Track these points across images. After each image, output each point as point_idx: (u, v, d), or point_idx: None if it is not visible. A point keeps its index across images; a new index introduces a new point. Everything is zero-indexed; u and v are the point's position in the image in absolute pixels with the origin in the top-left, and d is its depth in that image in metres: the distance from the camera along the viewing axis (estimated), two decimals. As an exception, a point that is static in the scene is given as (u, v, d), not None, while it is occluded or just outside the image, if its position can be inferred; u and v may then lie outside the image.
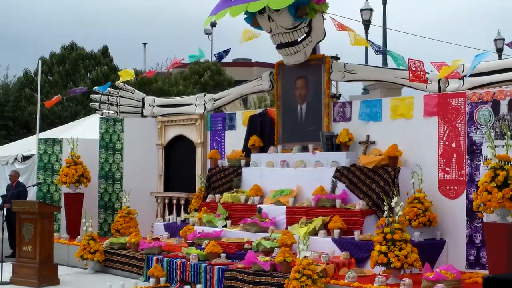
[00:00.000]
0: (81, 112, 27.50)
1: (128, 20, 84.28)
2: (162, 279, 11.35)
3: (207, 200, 13.60)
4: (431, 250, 10.25)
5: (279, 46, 12.80)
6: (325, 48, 13.22)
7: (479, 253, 10.12)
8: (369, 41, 11.93)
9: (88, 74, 32.46)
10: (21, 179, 16.14)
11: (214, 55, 15.21)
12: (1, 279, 11.75)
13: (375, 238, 9.60)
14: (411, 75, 10.46)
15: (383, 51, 11.30)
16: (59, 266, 12.10)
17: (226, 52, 14.44)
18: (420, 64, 10.69)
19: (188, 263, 11.17)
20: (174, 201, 14.97)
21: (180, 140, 15.47)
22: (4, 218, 13.28)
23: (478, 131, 10.33)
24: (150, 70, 24.69)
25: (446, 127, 10.79)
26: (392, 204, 9.50)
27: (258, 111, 14.50)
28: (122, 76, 15.45)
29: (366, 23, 21.42)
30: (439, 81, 11.23)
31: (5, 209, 13.25)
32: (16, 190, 14.77)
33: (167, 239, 13.01)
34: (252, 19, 12.89)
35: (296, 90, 13.11)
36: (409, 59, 10.82)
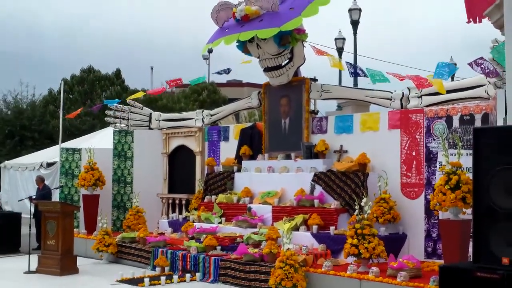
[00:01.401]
0: (97, 125, 27.38)
1: (137, 46, 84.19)
2: (167, 268, 11.32)
3: (205, 200, 13.55)
4: (395, 243, 10.24)
5: (266, 70, 12.79)
6: (305, 71, 13.28)
7: (436, 245, 10.12)
8: (347, 62, 11.93)
9: (104, 93, 32.37)
10: (45, 183, 16.06)
11: (215, 73, 15.16)
12: (29, 269, 11.70)
13: (347, 232, 9.62)
14: (416, 83, 10.15)
15: (361, 71, 11.31)
16: (78, 257, 12.03)
17: (225, 71, 14.48)
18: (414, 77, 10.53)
19: (189, 254, 11.13)
20: (177, 201, 14.91)
21: (182, 149, 15.41)
22: (32, 216, 13.18)
23: (434, 141, 10.35)
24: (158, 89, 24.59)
25: (407, 138, 10.81)
26: (362, 203, 9.50)
27: (248, 124, 14.46)
28: (134, 95, 15.34)
29: (340, 50, 21.48)
30: (401, 99, 11.28)
31: (33, 208, 13.15)
32: (42, 192, 14.70)
33: (170, 234, 12.96)
34: (243, 46, 12.89)
35: (280, 107, 13.10)
36: (387, 72, 10.74)
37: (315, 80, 12.93)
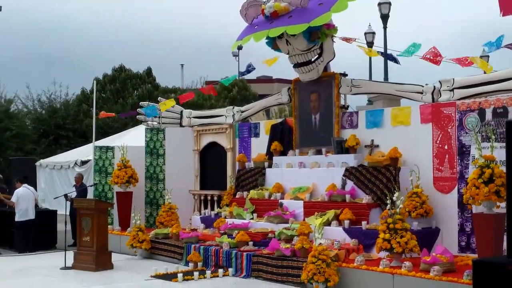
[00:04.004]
0: (130, 123, 27.66)
1: (168, 43, 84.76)
2: (199, 264, 11.41)
3: (237, 196, 13.61)
4: (427, 237, 10.16)
5: (296, 66, 12.78)
6: (335, 66, 13.23)
7: (470, 239, 10.01)
8: (379, 52, 11.81)
9: (135, 91, 32.65)
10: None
11: (241, 73, 15.22)
12: (65, 264, 11.90)
13: (379, 227, 9.57)
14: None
15: (393, 59, 11.29)
16: (112, 253, 12.20)
17: (249, 69, 14.52)
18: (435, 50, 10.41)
19: (221, 250, 11.20)
20: (209, 198, 14.99)
21: (213, 146, 15.48)
22: (68, 213, 13.38)
23: (467, 135, 10.23)
24: (187, 88, 24.75)
25: (439, 132, 10.70)
26: (394, 198, 9.44)
27: (279, 120, 14.50)
28: (165, 105, 15.33)
29: (369, 45, 21.31)
30: (432, 92, 11.17)
31: (69, 205, 13.36)
32: (79, 189, 14.92)
33: (203, 230, 13.05)
34: (273, 43, 12.90)
35: (310, 102, 13.09)
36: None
37: (345, 75, 12.87)
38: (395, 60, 11.88)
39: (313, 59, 12.58)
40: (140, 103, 16.53)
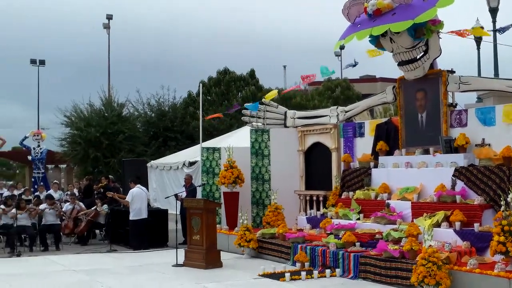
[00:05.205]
0: (235, 125, 28.10)
1: (270, 46, 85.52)
2: (306, 264, 11.40)
3: (342, 196, 13.50)
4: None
5: (400, 64, 12.50)
6: (441, 63, 12.82)
7: None
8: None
9: (239, 93, 33.15)
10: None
11: (345, 67, 15.13)
12: (177, 262, 12.28)
13: (493, 229, 9.13)
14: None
15: None
16: (221, 252, 12.42)
17: (353, 64, 14.42)
18: None
19: (328, 250, 11.15)
20: (314, 198, 14.96)
21: (317, 146, 15.43)
22: (179, 212, 13.78)
23: None
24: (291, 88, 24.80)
25: (556, 129, 10.11)
26: (509, 199, 9.03)
27: (384, 120, 14.24)
28: (268, 96, 15.59)
29: (478, 40, 20.46)
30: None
31: (179, 205, 13.75)
32: (188, 189, 15.33)
33: (309, 230, 13.05)
34: (376, 41, 12.70)
35: (416, 101, 12.76)
36: None
37: (452, 72, 12.42)
38: None
39: (418, 57, 12.27)
40: (245, 104, 16.75)
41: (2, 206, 15.89)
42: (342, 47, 33.98)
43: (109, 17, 38.29)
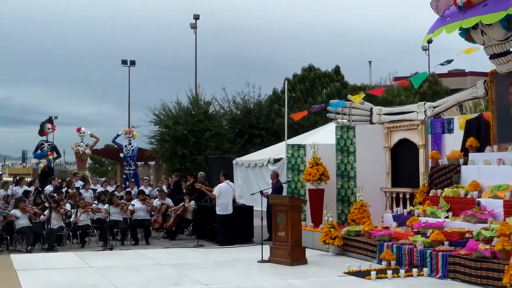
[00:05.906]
0: (320, 121, 27.97)
1: (355, 41, 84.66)
2: (393, 262, 11.22)
3: (430, 194, 13.16)
4: None
5: (492, 57, 12.06)
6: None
7: None
8: None
9: (324, 90, 32.98)
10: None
11: (437, 65, 14.80)
12: (262, 258, 12.39)
13: None
14: None
15: None
16: (306, 249, 12.42)
17: (447, 62, 14.08)
18: None
19: (415, 249, 10.92)
20: (401, 195, 14.66)
21: (404, 143, 15.13)
22: (265, 209, 13.89)
23: None
24: (376, 85, 24.45)
25: None
26: None
27: (474, 115, 13.78)
28: (353, 98, 15.39)
29: None
30: None
31: (266, 201, 13.84)
32: (274, 186, 15.43)
33: (395, 228, 12.83)
34: (466, 34, 12.32)
35: (509, 95, 12.26)
36: None
37: (548, 64, 11.86)
38: None
39: (511, 49, 11.77)
40: (330, 101, 16.66)
41: (96, 202, 16.61)
42: (430, 41, 33.04)
43: (196, 17, 39.04)
